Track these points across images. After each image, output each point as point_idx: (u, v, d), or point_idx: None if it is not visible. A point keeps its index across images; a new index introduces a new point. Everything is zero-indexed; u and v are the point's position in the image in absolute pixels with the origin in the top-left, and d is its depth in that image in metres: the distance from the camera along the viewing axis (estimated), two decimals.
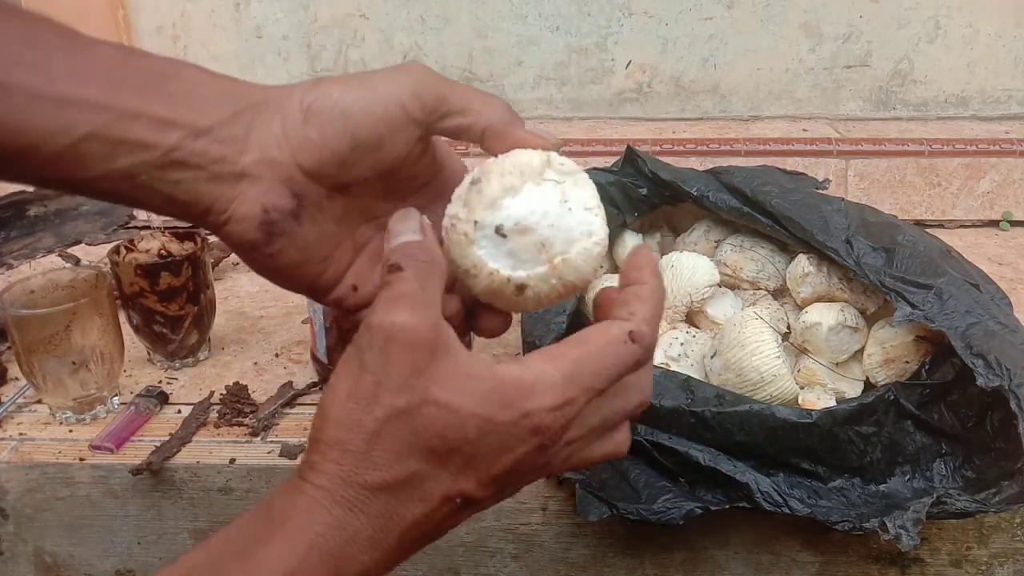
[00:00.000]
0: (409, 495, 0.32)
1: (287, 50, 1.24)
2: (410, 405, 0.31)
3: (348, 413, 0.31)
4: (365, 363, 0.32)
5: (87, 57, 0.34)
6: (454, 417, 0.31)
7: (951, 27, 1.20)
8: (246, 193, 0.36)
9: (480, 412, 0.31)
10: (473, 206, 0.36)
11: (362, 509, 0.31)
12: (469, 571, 0.75)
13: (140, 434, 0.76)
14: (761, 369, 0.69)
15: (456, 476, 0.32)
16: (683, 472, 0.68)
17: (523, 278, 0.36)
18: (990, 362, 0.63)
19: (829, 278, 0.75)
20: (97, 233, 1.14)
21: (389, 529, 0.31)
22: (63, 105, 0.33)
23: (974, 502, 0.64)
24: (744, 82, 1.24)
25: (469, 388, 0.32)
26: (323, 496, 0.31)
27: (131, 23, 1.22)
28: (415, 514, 0.32)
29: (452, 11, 1.21)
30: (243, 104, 0.37)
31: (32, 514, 0.75)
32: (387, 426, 0.31)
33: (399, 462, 0.31)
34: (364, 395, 0.31)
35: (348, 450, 0.31)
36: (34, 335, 0.73)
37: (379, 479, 0.31)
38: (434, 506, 0.32)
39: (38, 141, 0.33)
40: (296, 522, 0.31)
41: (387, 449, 0.31)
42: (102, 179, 0.35)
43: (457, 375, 0.32)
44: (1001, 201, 1.15)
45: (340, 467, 0.31)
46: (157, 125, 0.35)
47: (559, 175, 0.37)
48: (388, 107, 0.37)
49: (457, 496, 0.32)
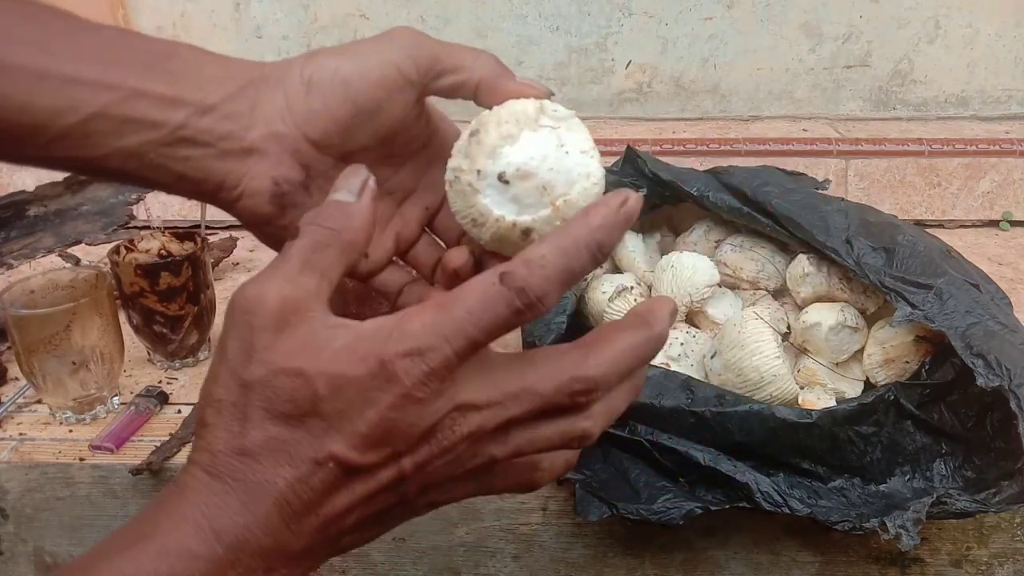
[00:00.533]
0: (274, 459, 0.31)
1: (287, 50, 1.24)
2: (258, 377, 0.31)
3: (211, 393, 0.32)
4: (224, 344, 0.32)
5: (89, 37, 0.35)
6: (302, 380, 0.30)
7: (951, 27, 1.20)
8: (256, 168, 0.37)
9: (329, 369, 0.30)
10: (474, 156, 0.37)
11: (228, 474, 0.31)
12: (469, 571, 0.75)
13: (140, 434, 0.76)
14: (761, 369, 0.69)
15: (320, 438, 0.31)
16: (683, 472, 0.68)
17: (528, 222, 0.37)
18: (990, 362, 0.63)
19: (829, 278, 0.75)
20: (97, 233, 1.14)
21: (261, 493, 0.31)
22: (69, 84, 0.34)
23: (974, 502, 0.64)
24: (744, 82, 1.24)
25: (319, 349, 0.31)
26: (195, 469, 0.32)
27: (131, 23, 1.22)
28: (285, 478, 0.31)
29: (452, 11, 1.21)
30: (244, 80, 0.37)
31: (32, 514, 0.75)
32: (242, 399, 0.31)
33: (255, 429, 0.31)
34: (223, 374, 0.32)
35: (212, 424, 0.32)
36: (34, 335, 0.73)
37: (239, 445, 0.31)
38: (306, 470, 0.31)
39: (45, 120, 0.34)
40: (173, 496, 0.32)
41: (245, 419, 0.31)
42: (111, 157, 0.35)
43: (308, 341, 0.31)
44: (1001, 201, 1.16)
45: (206, 441, 0.32)
46: (162, 103, 0.35)
47: (553, 121, 0.38)
48: (385, 71, 0.38)
49: (328, 460, 0.31)
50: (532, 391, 0.32)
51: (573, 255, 0.31)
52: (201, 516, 0.31)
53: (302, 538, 0.31)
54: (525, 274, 0.30)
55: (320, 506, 0.31)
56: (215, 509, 0.31)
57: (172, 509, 0.31)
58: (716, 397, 0.68)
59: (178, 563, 0.30)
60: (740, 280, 0.81)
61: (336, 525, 0.32)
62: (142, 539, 0.31)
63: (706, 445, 0.67)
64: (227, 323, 0.32)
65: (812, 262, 0.75)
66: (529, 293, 0.30)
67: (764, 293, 0.81)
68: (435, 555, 0.75)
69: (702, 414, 0.67)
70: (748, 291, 0.81)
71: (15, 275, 1.01)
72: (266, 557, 0.31)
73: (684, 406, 0.67)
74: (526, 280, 0.30)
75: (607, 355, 0.33)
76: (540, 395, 0.32)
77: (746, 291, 0.82)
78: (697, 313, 0.80)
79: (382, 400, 0.30)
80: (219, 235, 1.11)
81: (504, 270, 0.30)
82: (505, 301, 0.30)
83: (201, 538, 0.30)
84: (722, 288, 0.81)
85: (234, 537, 0.30)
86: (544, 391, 0.32)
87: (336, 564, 0.75)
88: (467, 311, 0.30)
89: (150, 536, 0.31)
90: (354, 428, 0.30)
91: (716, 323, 0.79)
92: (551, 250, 0.31)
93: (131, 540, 0.31)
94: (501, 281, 0.30)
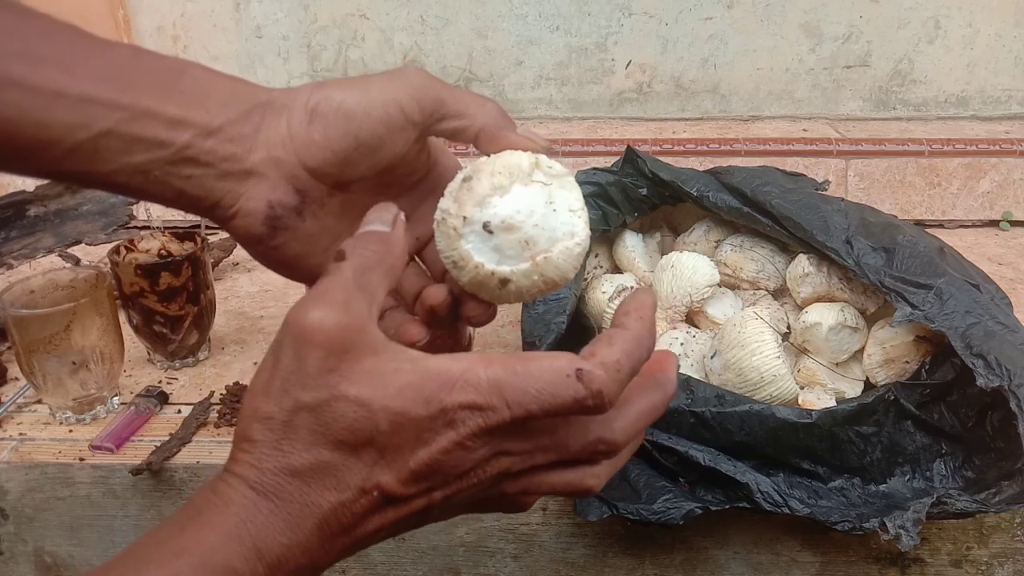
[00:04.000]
0: (322, 483, 0.32)
1: (287, 50, 1.24)
2: (318, 401, 0.31)
3: (260, 408, 0.32)
4: (279, 360, 0.32)
5: (104, 56, 0.36)
6: (364, 411, 0.31)
7: (951, 27, 1.20)
8: (253, 190, 0.39)
9: (393, 406, 0.31)
10: (463, 202, 0.37)
11: (276, 493, 0.31)
12: (469, 571, 0.75)
13: (140, 434, 0.76)
14: (761, 369, 0.69)
15: (371, 467, 0.32)
16: (683, 472, 0.68)
17: (507, 273, 0.38)
18: (990, 362, 0.63)
19: (829, 278, 0.75)
20: (97, 233, 1.14)
21: (305, 515, 0.32)
22: (84, 102, 0.35)
23: (974, 502, 0.64)
24: (744, 82, 1.24)
25: (384, 382, 0.31)
26: (239, 483, 0.32)
27: (131, 23, 1.22)
28: (330, 502, 0.32)
29: (452, 11, 1.21)
30: (250, 104, 0.38)
31: (32, 514, 0.75)
32: (296, 419, 0.31)
33: (308, 451, 0.31)
34: (275, 391, 0.32)
35: (260, 440, 0.32)
36: (34, 335, 0.73)
37: (289, 465, 0.31)
38: (350, 496, 0.32)
39: (59, 135, 0.35)
40: (215, 507, 0.32)
41: (296, 439, 0.31)
42: (118, 173, 0.37)
43: (373, 370, 0.32)
44: (1001, 201, 1.16)
45: (253, 456, 0.32)
46: (170, 124, 0.37)
47: (547, 177, 0.38)
48: (388, 110, 0.39)
49: (374, 489, 0.32)
50: (561, 446, 0.34)
51: (638, 359, 0.34)
52: (246, 534, 0.31)
53: (331, 555, 0.33)
54: (604, 379, 0.32)
55: (355, 528, 0.33)
56: (261, 528, 0.31)
57: (215, 523, 0.31)
58: (716, 397, 0.68)
59: None
60: (740, 280, 0.81)
61: (362, 544, 0.34)
62: (183, 553, 0.31)
63: (706, 445, 0.67)
64: (283, 342, 0.32)
65: (812, 262, 0.75)
66: (604, 396, 0.32)
67: (764, 293, 0.81)
68: (435, 555, 0.75)
69: (702, 414, 0.67)
70: (748, 291, 0.81)
71: (15, 275, 1.01)
72: (299, 574, 0.32)
73: (684, 406, 0.67)
74: (604, 384, 0.32)
75: (630, 418, 0.35)
76: (567, 450, 0.34)
77: (746, 291, 0.82)
78: (697, 313, 0.80)
79: (436, 443, 0.32)
80: (219, 235, 1.11)
81: (582, 367, 0.32)
82: (575, 396, 0.32)
83: (244, 556, 0.31)
84: (722, 288, 0.81)
85: (276, 557, 0.31)
86: (572, 448, 0.34)
87: (336, 564, 0.75)
88: (536, 390, 0.32)
89: (191, 550, 0.31)
90: (404, 463, 0.32)
91: (716, 323, 0.79)
92: (623, 356, 0.33)
93: (172, 551, 0.31)
94: (578, 377, 0.32)
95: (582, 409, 0.32)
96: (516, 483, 0.35)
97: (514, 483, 0.35)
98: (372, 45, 1.23)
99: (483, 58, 1.24)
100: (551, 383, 0.32)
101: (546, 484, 0.35)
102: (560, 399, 0.32)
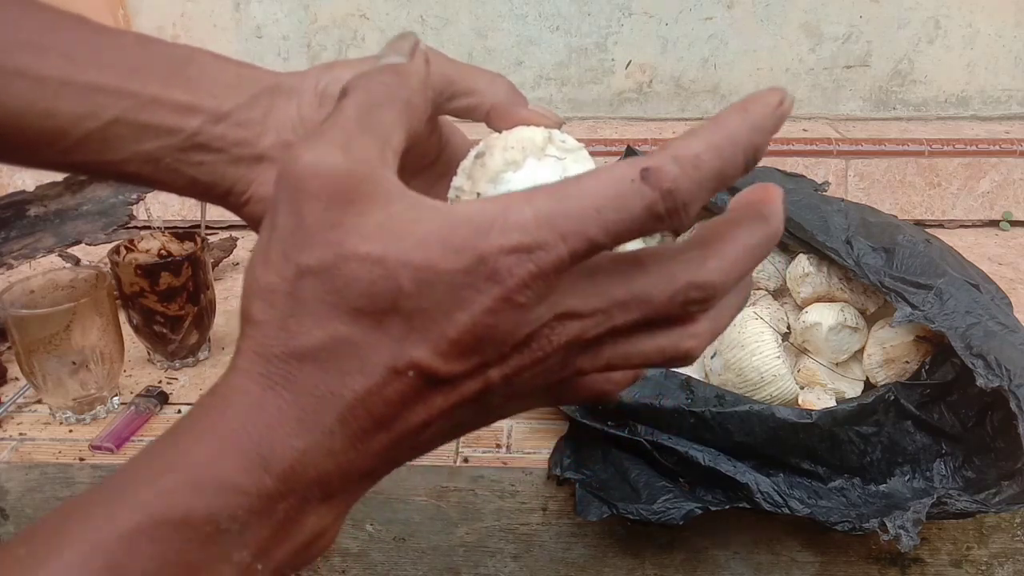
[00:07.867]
0: (343, 366, 0.25)
1: (287, 50, 1.24)
2: (323, 263, 0.25)
3: (260, 279, 0.27)
4: (275, 220, 0.27)
5: (110, 44, 0.36)
6: (380, 269, 0.25)
7: (951, 27, 1.20)
8: (265, 174, 0.38)
9: (415, 259, 0.25)
10: (477, 179, 0.37)
11: (284, 385, 0.26)
12: (469, 571, 0.75)
13: (140, 434, 0.76)
14: (761, 369, 0.69)
15: (400, 342, 0.25)
16: (683, 472, 0.68)
17: None
18: (990, 362, 0.63)
19: (829, 278, 0.75)
20: (97, 233, 1.14)
21: (324, 409, 0.26)
22: (91, 91, 0.35)
23: (974, 502, 0.64)
24: (744, 82, 1.24)
25: (400, 234, 0.25)
26: (241, 377, 0.26)
27: (131, 23, 1.22)
28: (356, 390, 0.25)
29: (452, 11, 1.21)
30: (259, 88, 0.38)
31: (32, 514, 0.74)
32: (301, 288, 0.26)
33: (320, 327, 0.25)
34: (275, 258, 0.26)
35: (263, 320, 0.26)
36: (34, 335, 0.73)
37: (298, 347, 0.26)
38: (380, 379, 0.26)
39: (67, 125, 0.35)
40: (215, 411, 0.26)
41: (306, 313, 0.26)
42: (128, 162, 0.36)
43: (387, 220, 0.25)
44: (1001, 201, 1.16)
45: (255, 341, 0.26)
46: (179, 110, 0.36)
47: (560, 151, 0.38)
48: None
49: (408, 368, 0.25)
50: (642, 298, 0.27)
51: (729, 158, 0.26)
52: (247, 440, 0.25)
53: (368, 459, 0.27)
54: (676, 174, 0.25)
55: (394, 422, 0.26)
56: (267, 432, 0.25)
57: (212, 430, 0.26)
58: (716, 397, 0.68)
59: (216, 500, 0.25)
60: None
61: (408, 442, 0.27)
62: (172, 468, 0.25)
63: (706, 445, 0.67)
64: (278, 198, 0.27)
65: (812, 262, 0.75)
66: (677, 197, 0.25)
67: (764, 293, 0.81)
68: (435, 555, 0.75)
69: (702, 414, 0.67)
70: None
71: (15, 275, 1.01)
72: (324, 484, 0.26)
73: (684, 406, 0.67)
74: (676, 181, 0.25)
75: (728, 256, 0.27)
76: (651, 304, 0.27)
77: None
78: None
79: (477, 302, 0.25)
80: (219, 235, 1.11)
81: (648, 165, 0.25)
82: (645, 203, 0.25)
83: (246, 468, 0.25)
84: None
85: (287, 465, 0.26)
86: (657, 299, 0.27)
87: (336, 564, 0.75)
88: (595, 208, 0.25)
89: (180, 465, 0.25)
90: (442, 332, 0.25)
91: None
92: (706, 149, 0.25)
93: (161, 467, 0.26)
94: (643, 178, 0.25)
95: (654, 218, 0.25)
96: (594, 356, 0.28)
97: (591, 357, 0.28)
98: (372, 45, 1.23)
99: (483, 58, 1.24)
100: (614, 196, 0.25)
101: (634, 353, 0.28)
102: (629, 212, 0.25)
